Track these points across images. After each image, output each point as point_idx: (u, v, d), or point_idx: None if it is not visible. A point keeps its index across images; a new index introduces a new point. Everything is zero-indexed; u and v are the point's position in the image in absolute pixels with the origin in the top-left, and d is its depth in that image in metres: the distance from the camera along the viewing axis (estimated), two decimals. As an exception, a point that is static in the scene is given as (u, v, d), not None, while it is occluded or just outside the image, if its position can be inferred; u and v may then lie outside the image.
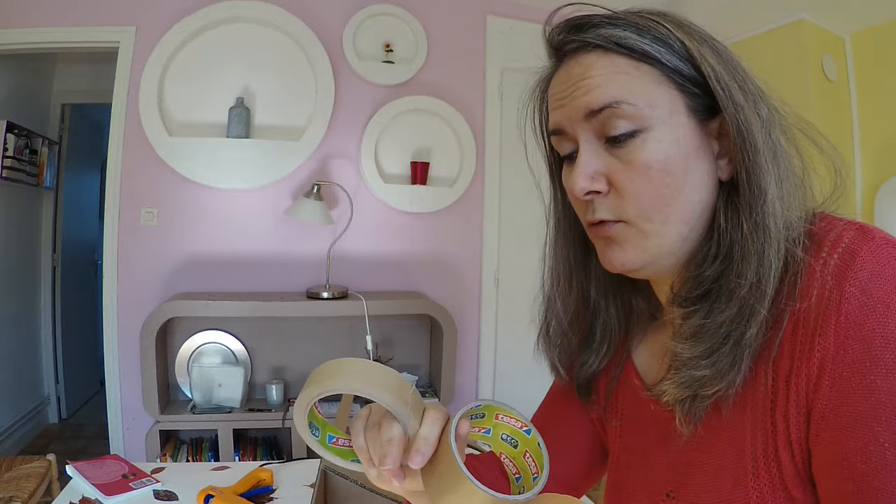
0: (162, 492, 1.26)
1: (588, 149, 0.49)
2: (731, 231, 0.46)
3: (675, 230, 0.48)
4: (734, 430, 0.46)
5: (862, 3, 2.65)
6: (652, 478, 0.54)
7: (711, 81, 0.46)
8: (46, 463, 1.91)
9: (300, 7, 2.59)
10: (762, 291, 0.43)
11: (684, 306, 0.48)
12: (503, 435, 0.48)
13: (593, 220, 0.50)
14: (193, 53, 2.50)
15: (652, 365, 0.58)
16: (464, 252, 2.88)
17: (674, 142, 0.46)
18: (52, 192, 3.57)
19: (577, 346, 0.62)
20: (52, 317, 3.60)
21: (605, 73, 0.47)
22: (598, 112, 0.47)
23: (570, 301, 0.61)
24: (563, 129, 0.51)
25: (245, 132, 2.50)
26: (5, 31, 2.38)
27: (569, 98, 0.49)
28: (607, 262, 0.51)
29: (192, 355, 2.46)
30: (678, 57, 0.47)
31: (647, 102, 0.46)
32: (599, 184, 0.49)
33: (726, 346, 0.44)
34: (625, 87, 0.46)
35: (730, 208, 0.47)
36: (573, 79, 0.49)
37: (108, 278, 2.47)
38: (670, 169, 0.46)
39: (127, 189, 2.47)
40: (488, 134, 2.88)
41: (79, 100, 3.64)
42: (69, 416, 3.70)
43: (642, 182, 0.47)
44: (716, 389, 0.45)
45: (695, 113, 0.47)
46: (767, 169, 0.45)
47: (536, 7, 2.93)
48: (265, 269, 2.61)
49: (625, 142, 0.47)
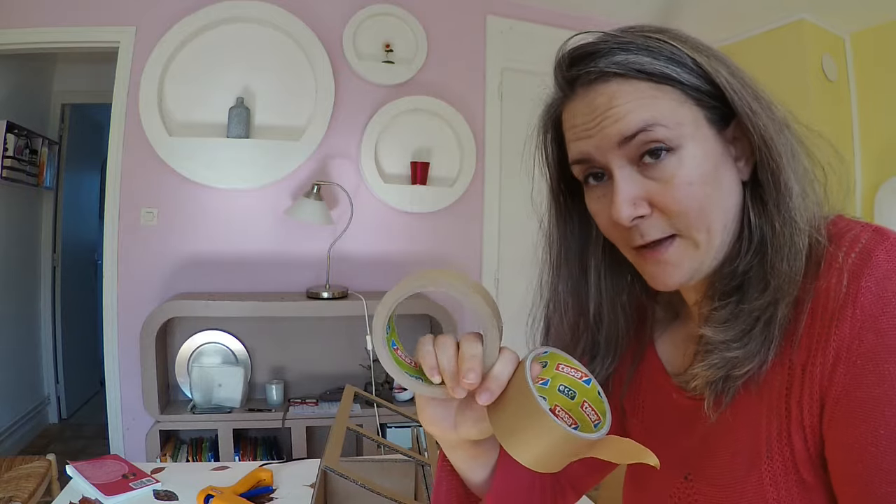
0: (162, 492, 1.26)
1: (624, 175, 0.50)
2: (763, 227, 0.48)
3: (719, 238, 0.50)
4: (751, 414, 0.48)
5: (862, 3, 2.65)
6: (671, 462, 0.56)
7: (728, 93, 0.48)
8: (46, 463, 1.91)
9: (300, 7, 2.59)
10: (792, 278, 0.46)
11: (720, 299, 0.50)
12: (561, 386, 0.49)
13: (644, 243, 0.51)
14: (193, 53, 2.50)
15: (674, 356, 0.60)
16: (464, 252, 2.88)
17: (705, 156, 0.49)
18: (52, 192, 3.57)
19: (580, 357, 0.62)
20: (52, 317, 3.60)
21: (631, 99, 0.48)
22: (631, 138, 0.48)
23: (571, 317, 0.62)
24: (590, 158, 0.52)
25: (245, 132, 2.50)
26: (5, 31, 2.38)
27: (597, 128, 0.50)
28: (661, 283, 0.52)
29: (192, 355, 2.46)
30: (693, 74, 0.48)
31: (676, 122, 0.48)
32: (642, 208, 0.50)
33: (756, 328, 0.47)
34: (653, 110, 0.48)
35: (757, 206, 0.50)
36: (598, 109, 0.50)
37: (108, 278, 2.47)
38: (708, 181, 0.48)
39: (127, 189, 2.47)
40: (488, 134, 2.88)
41: (79, 100, 3.64)
42: (69, 416, 3.70)
43: (686, 199, 0.48)
44: (747, 369, 0.47)
45: (714, 124, 0.50)
46: (789, 168, 0.47)
47: (536, 7, 2.93)
48: (265, 269, 2.61)
49: (660, 162, 0.48)
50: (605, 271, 0.61)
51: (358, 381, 2.58)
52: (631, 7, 2.93)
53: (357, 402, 2.39)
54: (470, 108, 2.85)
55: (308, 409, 2.41)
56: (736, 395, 0.49)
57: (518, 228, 2.95)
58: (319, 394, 2.54)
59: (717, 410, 0.50)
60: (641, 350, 0.63)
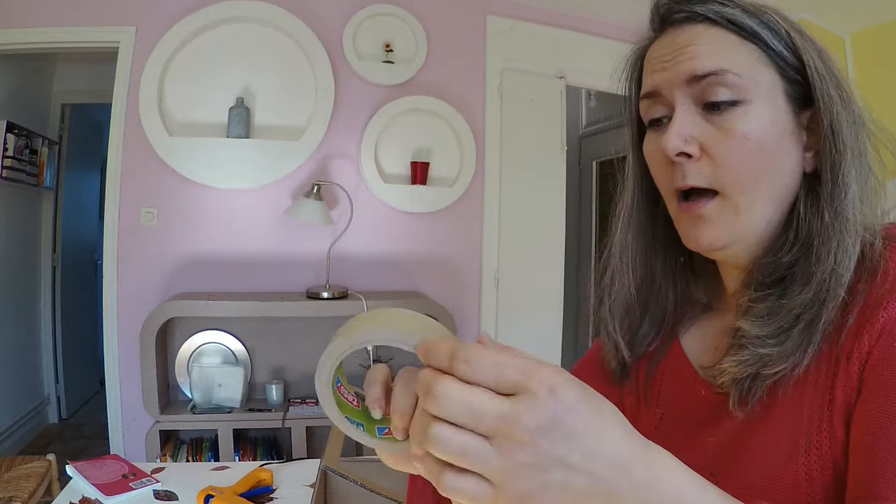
0: (162, 492, 1.26)
1: (684, 111, 0.49)
2: (811, 219, 0.47)
3: (762, 210, 0.48)
4: (790, 408, 0.46)
5: (862, 3, 2.65)
6: (695, 460, 0.53)
7: (810, 70, 0.47)
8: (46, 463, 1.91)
9: (300, 7, 2.59)
10: (840, 276, 0.44)
11: (759, 290, 0.49)
12: None
13: (684, 186, 0.50)
14: (193, 53, 2.50)
15: (704, 350, 0.58)
16: (464, 252, 2.88)
17: (772, 121, 0.48)
18: (52, 192, 3.57)
19: (636, 324, 0.61)
20: (52, 317, 3.60)
21: (712, 43, 0.48)
22: (701, 78, 0.48)
23: (637, 276, 0.60)
24: (658, 92, 0.52)
25: (245, 132, 2.50)
26: (5, 31, 2.38)
27: (672, 62, 0.50)
28: (693, 240, 0.51)
29: (192, 355, 2.46)
30: (782, 43, 0.48)
31: (751, 77, 0.47)
32: (692, 147, 0.49)
33: (797, 327, 0.45)
34: (731, 58, 0.48)
35: (811, 198, 0.48)
36: (679, 45, 0.50)
37: (108, 278, 2.47)
38: (766, 146, 0.47)
39: (127, 189, 2.47)
40: (488, 134, 2.88)
41: (79, 100, 3.64)
42: (69, 416, 3.70)
43: (739, 152, 0.47)
44: (778, 369, 0.45)
45: (791, 100, 0.49)
46: (852, 166, 0.46)
47: (536, 7, 2.93)
48: (265, 269, 2.61)
49: (725, 110, 0.48)
50: (665, 235, 0.59)
51: (358, 381, 2.57)
52: (631, 7, 2.93)
53: (357, 402, 2.39)
54: (470, 108, 2.85)
55: (308, 409, 2.41)
56: (773, 389, 0.47)
57: (518, 228, 2.95)
58: (319, 394, 2.54)
59: (742, 409, 0.48)
60: (667, 343, 0.61)
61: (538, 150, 2.97)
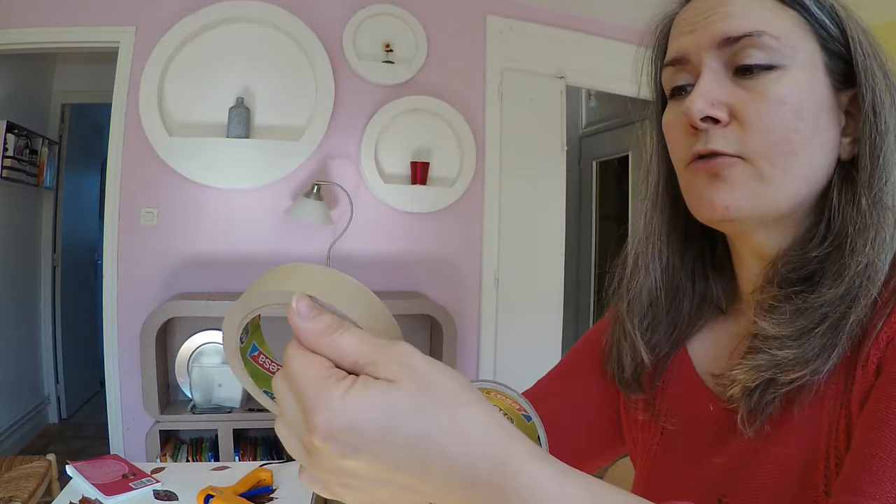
0: (162, 492, 1.26)
1: (712, 75, 0.44)
2: (846, 207, 0.42)
3: (794, 185, 0.43)
4: (808, 426, 0.41)
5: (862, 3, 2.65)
6: (701, 480, 0.49)
7: (854, 45, 0.44)
8: (46, 463, 1.91)
9: (300, 7, 2.59)
10: (875, 271, 0.40)
11: (783, 287, 0.44)
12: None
13: (703, 150, 0.44)
14: (193, 53, 2.50)
15: (715, 358, 0.53)
16: (464, 252, 2.88)
17: (810, 89, 0.43)
18: (52, 192, 3.57)
19: (657, 322, 0.55)
20: (52, 317, 3.60)
21: (750, 3, 0.44)
22: (734, 41, 0.43)
23: (664, 265, 0.54)
24: (685, 58, 0.46)
25: (245, 132, 2.50)
26: (5, 31, 2.38)
27: (703, 23, 0.45)
28: (707, 202, 0.45)
29: (192, 355, 2.46)
30: (825, 12, 0.44)
31: (790, 42, 0.43)
32: (720, 111, 0.43)
33: (821, 327, 0.40)
34: (769, 21, 0.43)
35: (846, 185, 0.43)
36: (711, 5, 0.45)
37: (108, 278, 2.47)
38: (803, 114, 0.42)
39: (127, 189, 2.47)
40: (488, 134, 2.88)
41: (79, 100, 3.64)
42: (69, 416, 3.70)
43: (774, 116, 0.42)
44: (796, 376, 0.40)
45: (831, 74, 0.44)
46: (894, 151, 0.42)
47: (536, 7, 2.93)
48: (265, 269, 2.58)
49: (758, 74, 0.43)
50: (684, 228, 0.54)
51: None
52: (631, 7, 2.93)
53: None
54: (470, 108, 2.85)
55: (308, 409, 2.41)
56: (788, 405, 0.42)
57: (518, 228, 2.95)
58: (319, 394, 2.54)
59: (751, 425, 0.43)
60: (673, 350, 0.56)
61: (538, 150, 2.97)
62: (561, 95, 3.01)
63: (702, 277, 0.55)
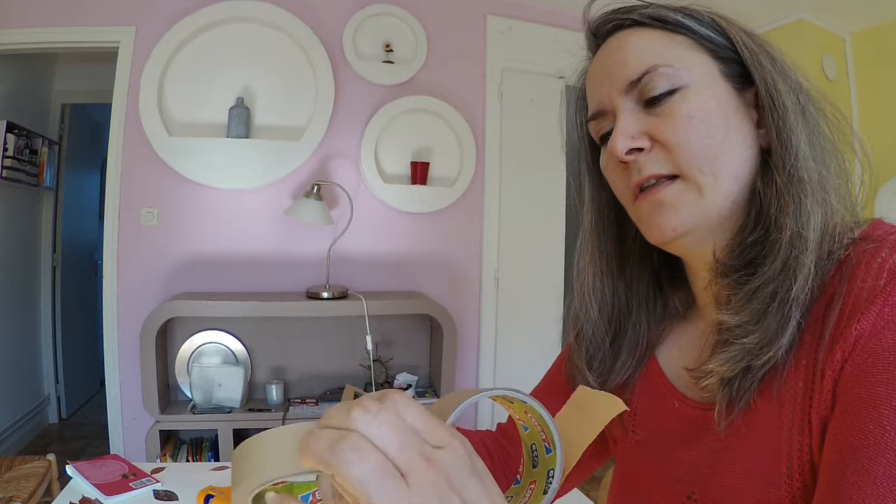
0: (162, 492, 1.26)
1: (627, 114, 0.50)
2: (767, 189, 0.46)
3: (726, 186, 0.47)
4: (769, 425, 0.44)
5: (862, 3, 2.65)
6: (671, 478, 0.52)
7: (739, 46, 0.48)
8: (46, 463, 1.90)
9: (300, 7, 2.59)
10: (804, 240, 0.43)
11: (729, 274, 0.47)
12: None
13: (641, 179, 0.49)
14: (193, 53, 2.50)
15: (681, 359, 0.56)
16: (464, 252, 2.88)
17: (713, 98, 0.48)
18: (52, 192, 3.57)
19: (606, 356, 0.59)
20: (52, 317, 3.60)
21: (640, 43, 0.50)
22: (637, 82, 0.49)
23: (605, 305, 0.59)
24: (603, 109, 0.52)
25: (245, 132, 2.50)
26: (5, 31, 2.38)
27: (607, 76, 0.51)
28: (656, 227, 0.49)
29: (192, 355, 2.46)
30: (708, 27, 0.50)
31: (683, 65, 0.48)
32: (642, 141, 0.49)
33: (773, 304, 0.43)
34: (660, 53, 0.49)
35: (765, 171, 0.48)
36: (610, 55, 0.52)
37: (108, 278, 2.47)
38: (712, 121, 0.47)
39: (127, 189, 2.47)
40: (488, 134, 2.88)
41: (79, 100, 3.64)
42: (69, 416, 3.70)
43: (686, 131, 0.47)
44: (767, 357, 0.43)
45: (730, 79, 0.49)
46: (797, 127, 0.46)
47: (536, 7, 2.93)
48: (265, 269, 2.61)
49: (665, 100, 0.48)
50: (635, 259, 0.59)
51: (358, 381, 2.58)
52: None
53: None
54: (470, 108, 2.85)
55: (308, 409, 2.42)
56: (751, 402, 0.45)
57: (518, 228, 2.95)
58: (319, 394, 2.54)
59: (728, 416, 0.46)
60: (642, 362, 0.59)
61: (538, 150, 2.97)
62: (561, 95, 3.01)
63: (659, 297, 0.59)
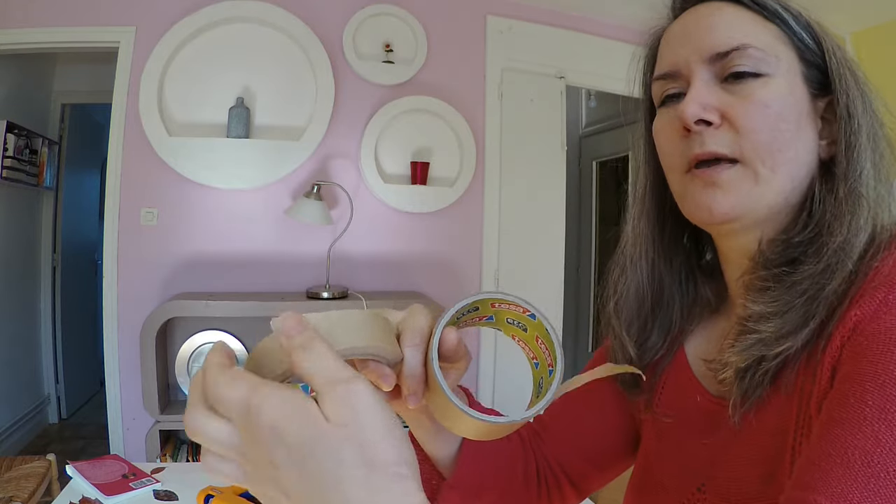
0: (162, 492, 1.26)
1: (703, 81, 0.48)
2: (826, 197, 0.46)
3: (781, 182, 0.47)
4: (778, 421, 0.44)
5: (862, 3, 2.65)
6: (685, 469, 0.53)
7: (829, 55, 0.48)
8: (46, 463, 1.91)
9: (300, 7, 2.59)
10: (850, 247, 0.43)
11: (769, 267, 0.47)
12: (508, 319, 0.44)
13: (702, 154, 0.48)
14: (193, 53, 2.50)
15: (708, 349, 0.56)
16: (464, 252, 2.87)
17: (791, 94, 0.48)
18: (52, 192, 3.57)
19: (644, 326, 0.59)
20: (52, 317, 3.60)
21: (734, 19, 0.49)
22: (724, 55, 0.48)
23: (651, 267, 0.58)
24: (676, 72, 0.50)
25: (245, 132, 2.50)
26: (5, 31, 2.38)
27: (690, 40, 0.50)
28: (706, 207, 0.48)
29: (192, 355, 2.46)
30: (803, 28, 0.49)
31: (773, 53, 0.48)
32: (712, 114, 0.47)
33: (800, 300, 0.44)
34: (753, 35, 0.48)
35: (825, 179, 0.48)
36: (700, 20, 0.50)
37: (108, 278, 2.47)
38: (786, 116, 0.47)
39: (127, 189, 2.47)
40: (488, 134, 2.88)
41: (79, 100, 3.64)
42: (69, 416, 3.70)
43: (760, 118, 0.46)
44: (781, 349, 0.43)
45: (808, 82, 0.49)
46: (866, 147, 0.46)
47: (536, 7, 2.93)
48: (265, 269, 2.61)
49: (746, 80, 0.47)
50: (671, 234, 0.59)
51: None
52: (631, 7, 2.93)
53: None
54: (470, 108, 2.85)
55: (308, 409, 2.41)
56: (764, 396, 0.45)
57: (518, 228, 2.95)
58: (319, 394, 2.54)
59: (741, 409, 0.46)
60: (672, 351, 0.59)
61: (538, 150, 2.97)
62: (561, 95, 3.01)
63: (690, 280, 0.59)
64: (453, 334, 0.41)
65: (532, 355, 0.44)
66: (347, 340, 0.35)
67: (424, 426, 0.52)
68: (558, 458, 0.63)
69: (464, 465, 0.54)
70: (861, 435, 0.35)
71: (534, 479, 0.62)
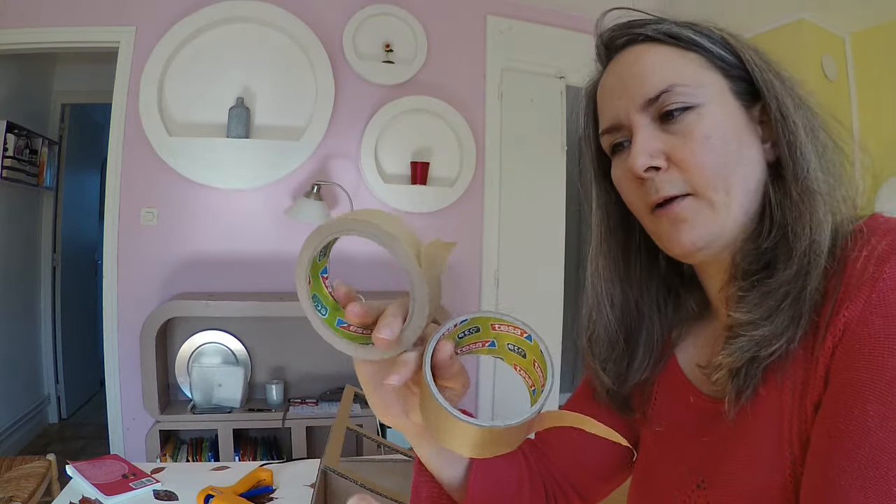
0: (162, 492, 1.26)
1: (644, 129, 0.51)
2: (782, 200, 0.48)
3: (738, 201, 0.49)
4: (773, 415, 0.46)
5: (862, 3, 2.64)
6: (683, 468, 0.54)
7: (749, 65, 0.50)
8: (46, 463, 1.90)
9: (300, 7, 2.59)
10: (818, 246, 0.45)
11: (745, 278, 0.49)
12: (509, 345, 0.45)
13: (658, 199, 0.50)
14: (193, 53, 2.50)
15: (697, 355, 0.58)
16: (464, 252, 2.88)
17: (726, 117, 0.50)
18: (52, 192, 3.57)
19: (622, 356, 0.61)
20: (52, 317, 3.59)
21: (656, 60, 0.51)
22: (654, 99, 0.50)
23: (616, 309, 0.60)
24: (619, 124, 0.53)
25: (245, 132, 2.50)
26: (5, 31, 2.38)
27: (623, 91, 0.52)
28: (676, 243, 0.51)
29: (192, 355, 2.46)
30: (719, 46, 0.51)
31: (698, 83, 0.50)
32: (659, 160, 0.50)
33: (785, 302, 0.45)
34: (675, 72, 0.50)
35: (778, 182, 0.50)
36: (626, 70, 0.53)
37: (108, 278, 2.47)
38: (728, 138, 0.49)
39: (127, 189, 2.47)
40: (488, 134, 2.88)
41: (79, 100, 3.64)
42: (69, 416, 3.70)
43: (704, 152, 0.48)
44: (775, 348, 0.45)
45: (739, 96, 0.51)
46: (806, 142, 0.48)
47: (536, 7, 2.93)
48: (265, 269, 2.61)
49: (681, 118, 0.49)
50: (642, 263, 0.61)
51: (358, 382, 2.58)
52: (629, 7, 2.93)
53: (357, 402, 2.39)
54: (470, 108, 2.85)
55: (308, 409, 2.41)
56: (757, 390, 0.46)
57: (518, 228, 2.95)
58: (319, 394, 2.54)
59: (737, 406, 0.47)
60: (662, 360, 0.61)
61: (538, 150, 2.97)
62: (561, 95, 3.01)
63: (669, 300, 0.61)
64: (448, 347, 0.42)
65: (531, 383, 0.44)
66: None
67: (428, 443, 0.53)
68: (564, 472, 0.64)
69: (475, 486, 0.55)
70: (868, 445, 0.37)
71: (541, 495, 0.63)
